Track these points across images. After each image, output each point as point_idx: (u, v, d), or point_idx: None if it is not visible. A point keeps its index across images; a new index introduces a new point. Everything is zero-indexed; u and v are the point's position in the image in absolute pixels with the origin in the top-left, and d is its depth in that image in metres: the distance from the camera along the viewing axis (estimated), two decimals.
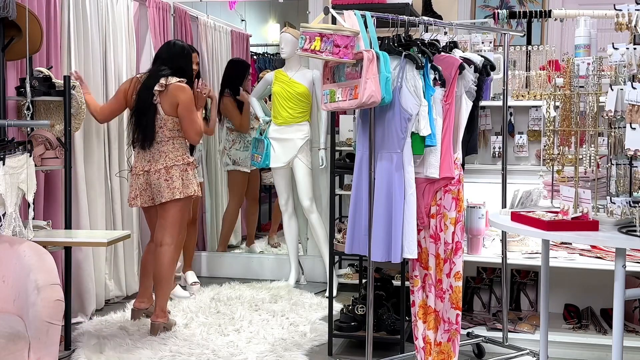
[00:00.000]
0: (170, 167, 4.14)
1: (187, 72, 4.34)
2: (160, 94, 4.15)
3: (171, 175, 4.14)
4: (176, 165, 4.15)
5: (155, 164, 4.16)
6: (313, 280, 5.62)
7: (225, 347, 3.99)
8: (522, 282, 4.38)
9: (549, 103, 3.11)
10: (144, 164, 4.20)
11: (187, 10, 5.98)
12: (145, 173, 4.19)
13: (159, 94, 4.15)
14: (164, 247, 4.21)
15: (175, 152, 4.18)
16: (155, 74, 4.20)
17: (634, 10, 2.67)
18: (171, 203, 4.17)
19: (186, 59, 4.37)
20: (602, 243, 3.17)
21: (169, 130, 4.17)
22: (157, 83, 4.14)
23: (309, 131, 5.29)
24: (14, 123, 3.71)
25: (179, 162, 4.17)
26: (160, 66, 4.24)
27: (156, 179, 4.14)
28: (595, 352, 3.85)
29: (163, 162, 4.15)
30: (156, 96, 4.15)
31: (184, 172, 4.18)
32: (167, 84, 4.14)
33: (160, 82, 4.14)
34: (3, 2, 3.58)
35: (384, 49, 3.30)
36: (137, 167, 4.24)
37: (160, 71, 4.20)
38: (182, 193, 4.15)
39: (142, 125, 4.17)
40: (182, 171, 4.17)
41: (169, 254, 4.23)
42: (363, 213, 3.36)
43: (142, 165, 4.21)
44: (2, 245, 3.21)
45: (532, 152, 4.48)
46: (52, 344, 2.93)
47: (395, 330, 3.93)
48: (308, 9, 5.71)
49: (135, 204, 4.27)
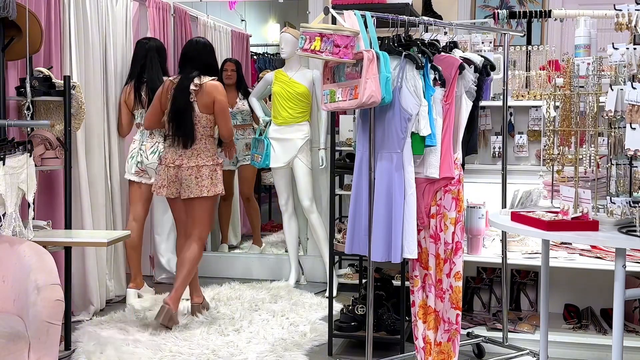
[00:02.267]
0: (201, 167, 4.33)
1: (215, 67, 4.58)
2: (196, 93, 4.33)
3: (201, 174, 4.32)
4: (207, 165, 4.34)
5: (188, 160, 4.33)
6: (313, 280, 5.62)
7: (225, 347, 3.99)
8: (522, 282, 4.38)
9: (549, 103, 3.11)
10: (175, 157, 4.36)
11: (187, 10, 5.99)
12: (176, 167, 4.34)
13: (195, 93, 4.33)
14: (192, 238, 4.42)
15: (207, 152, 4.37)
16: (188, 75, 4.36)
17: (634, 10, 2.67)
18: (199, 200, 4.35)
19: (212, 54, 4.56)
20: (602, 243, 3.17)
21: (202, 128, 4.36)
22: (192, 83, 4.32)
23: (309, 131, 5.29)
24: (14, 123, 3.71)
25: (209, 163, 4.35)
26: (189, 66, 4.41)
27: (188, 175, 4.31)
28: (595, 352, 3.85)
29: (195, 161, 4.33)
30: (192, 95, 4.33)
31: (213, 172, 4.37)
32: (201, 83, 4.33)
33: (194, 82, 4.32)
34: (3, 2, 3.58)
35: (384, 49, 3.30)
36: (167, 159, 4.38)
37: (192, 71, 4.37)
38: (209, 191, 4.34)
39: (182, 125, 4.33)
40: (211, 171, 4.36)
41: (196, 248, 4.42)
42: (363, 213, 3.36)
43: (173, 158, 4.36)
44: (2, 245, 3.21)
45: (532, 152, 4.47)
46: (52, 344, 2.93)
47: (395, 330, 3.93)
48: (308, 9, 5.71)
49: (161, 193, 4.41)
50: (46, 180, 4.33)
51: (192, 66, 4.40)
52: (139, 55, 4.99)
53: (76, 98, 4.17)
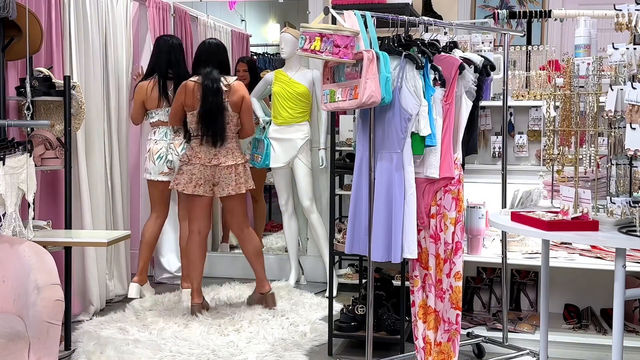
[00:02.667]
0: (238, 165, 4.57)
1: (228, 65, 4.72)
2: (227, 94, 4.52)
3: (238, 171, 4.58)
4: (241, 163, 4.60)
5: (225, 159, 4.53)
6: (313, 280, 5.62)
7: (225, 347, 3.99)
8: (522, 282, 4.38)
9: (549, 103, 3.11)
10: (210, 157, 4.51)
11: (187, 10, 5.99)
12: (213, 166, 4.50)
13: (226, 93, 4.52)
14: (246, 230, 4.74)
15: (238, 150, 4.62)
16: (211, 75, 4.50)
17: (634, 10, 2.67)
18: (237, 196, 4.62)
19: (225, 53, 4.71)
20: (602, 243, 3.17)
21: (234, 126, 4.58)
22: (222, 84, 4.50)
23: (309, 131, 5.29)
24: (14, 123, 3.71)
25: (242, 160, 4.61)
26: (207, 67, 4.52)
27: (227, 173, 4.53)
28: (595, 352, 3.85)
29: (232, 159, 4.55)
30: (225, 95, 4.50)
31: (245, 169, 4.64)
32: (229, 84, 4.53)
33: (223, 83, 4.50)
34: (3, 2, 3.58)
35: (384, 49, 3.30)
36: (202, 158, 4.50)
37: (213, 71, 4.51)
38: (246, 187, 4.63)
39: (213, 125, 4.48)
40: (244, 168, 4.63)
41: (254, 235, 4.81)
42: (363, 213, 3.36)
43: (209, 157, 4.50)
44: (2, 245, 3.21)
45: (532, 152, 4.48)
46: (52, 344, 2.93)
47: (395, 330, 3.93)
48: (308, 9, 5.71)
49: (197, 191, 4.51)
50: (46, 180, 4.33)
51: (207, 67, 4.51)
52: (163, 51, 4.90)
53: (76, 98, 4.17)
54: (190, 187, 4.50)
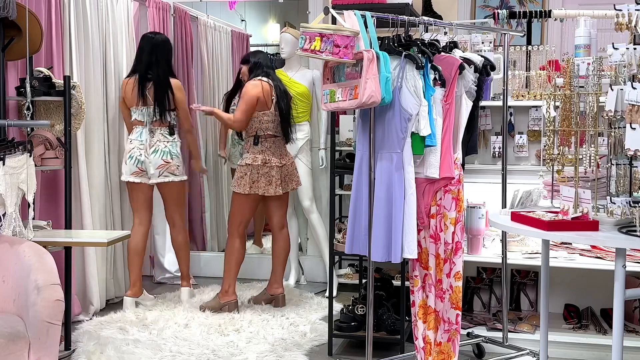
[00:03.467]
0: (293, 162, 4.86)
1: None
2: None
3: (295, 166, 4.86)
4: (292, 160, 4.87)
5: (288, 157, 4.77)
6: (313, 280, 5.62)
7: (225, 347, 3.99)
8: (522, 282, 4.38)
9: (549, 103, 3.11)
10: (278, 158, 4.68)
11: (187, 10, 5.99)
12: (283, 165, 4.69)
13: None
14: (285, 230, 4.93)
15: (286, 148, 4.80)
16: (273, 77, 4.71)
17: (634, 10, 2.67)
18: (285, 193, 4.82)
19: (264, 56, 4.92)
20: (602, 243, 3.17)
21: None
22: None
23: (309, 131, 5.29)
24: (14, 123, 3.70)
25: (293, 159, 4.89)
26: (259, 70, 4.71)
27: (292, 169, 4.80)
28: (595, 352, 3.85)
29: (289, 156, 4.81)
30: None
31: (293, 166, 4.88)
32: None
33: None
34: (3, 2, 3.58)
35: (384, 49, 3.30)
36: (272, 161, 4.64)
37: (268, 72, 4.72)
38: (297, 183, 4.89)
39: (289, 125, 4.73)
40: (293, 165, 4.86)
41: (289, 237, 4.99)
42: (363, 213, 3.36)
43: (278, 159, 4.67)
44: (2, 245, 3.21)
45: (532, 152, 4.47)
46: (52, 344, 2.93)
47: (395, 330, 3.93)
48: (308, 9, 5.71)
49: (277, 192, 4.64)
50: (46, 180, 4.33)
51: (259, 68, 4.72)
52: (145, 50, 4.76)
53: (76, 98, 4.17)
54: (266, 188, 4.62)
